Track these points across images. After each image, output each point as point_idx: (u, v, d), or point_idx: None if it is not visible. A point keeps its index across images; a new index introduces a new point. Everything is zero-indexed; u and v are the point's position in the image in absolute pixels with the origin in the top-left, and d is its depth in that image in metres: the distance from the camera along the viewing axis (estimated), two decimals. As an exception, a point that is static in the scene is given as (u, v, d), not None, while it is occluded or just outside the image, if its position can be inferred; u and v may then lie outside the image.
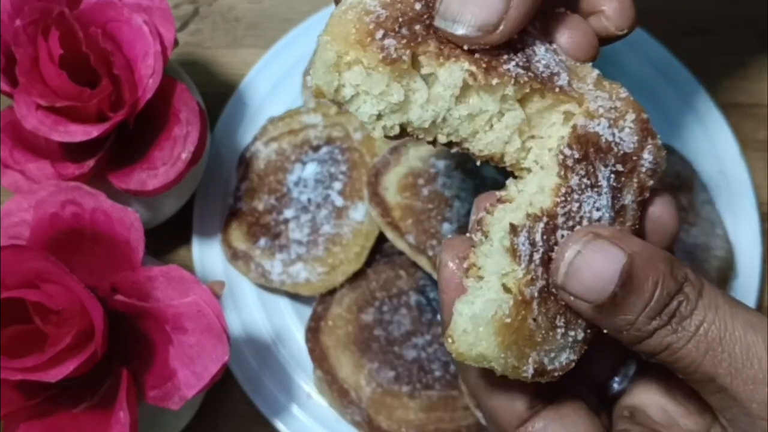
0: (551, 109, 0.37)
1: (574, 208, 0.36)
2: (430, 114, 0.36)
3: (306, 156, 0.69)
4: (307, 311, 0.67)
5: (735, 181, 0.69)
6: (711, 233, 0.67)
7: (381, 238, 0.67)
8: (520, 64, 0.36)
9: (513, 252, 0.34)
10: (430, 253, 0.63)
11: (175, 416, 0.61)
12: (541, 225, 0.35)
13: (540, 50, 0.37)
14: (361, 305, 0.66)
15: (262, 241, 0.67)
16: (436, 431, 0.62)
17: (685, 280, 0.34)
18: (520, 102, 0.37)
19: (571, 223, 0.36)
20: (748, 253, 0.67)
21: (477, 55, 0.36)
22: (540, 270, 0.35)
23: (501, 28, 0.34)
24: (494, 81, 0.35)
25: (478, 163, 0.39)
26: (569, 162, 0.36)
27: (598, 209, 0.36)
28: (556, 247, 0.35)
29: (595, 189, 0.36)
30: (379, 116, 0.36)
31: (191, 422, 0.63)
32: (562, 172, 0.36)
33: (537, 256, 0.35)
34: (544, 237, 0.35)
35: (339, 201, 0.67)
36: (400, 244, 0.64)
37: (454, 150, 0.38)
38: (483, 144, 0.37)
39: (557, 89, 0.36)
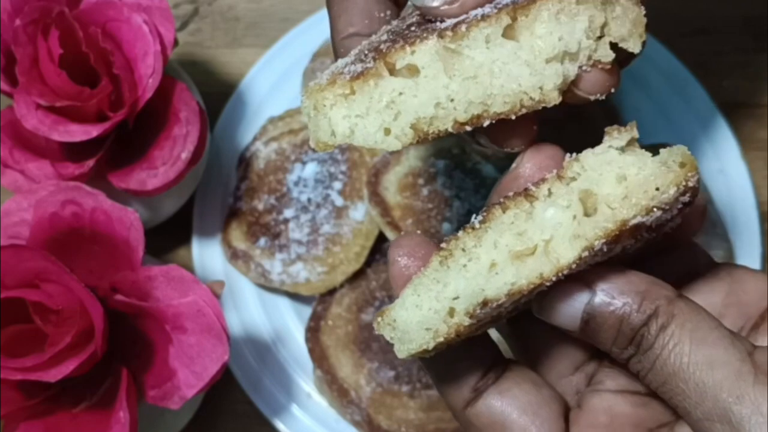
0: (541, 11, 0.35)
1: None
2: (427, 97, 0.35)
3: (306, 156, 0.69)
4: (307, 311, 0.67)
5: (735, 181, 0.69)
6: (711, 233, 0.67)
7: (381, 238, 0.67)
8: (491, 8, 0.35)
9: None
10: (430, 252, 0.63)
11: (175, 416, 0.61)
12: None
13: None
14: (361, 305, 0.66)
15: (262, 241, 0.67)
16: (435, 431, 0.62)
17: (653, 313, 0.34)
18: (507, 36, 0.35)
19: None
20: (748, 253, 0.67)
21: (443, 26, 0.35)
22: None
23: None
24: (463, 28, 0.34)
25: (513, 117, 0.35)
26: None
27: None
28: None
29: None
30: (388, 131, 0.35)
31: (191, 422, 0.63)
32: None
33: None
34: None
35: (339, 201, 0.67)
36: (400, 244, 0.64)
37: (485, 123, 0.35)
38: (499, 93, 0.35)
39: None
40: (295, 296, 0.68)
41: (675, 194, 0.33)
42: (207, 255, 0.69)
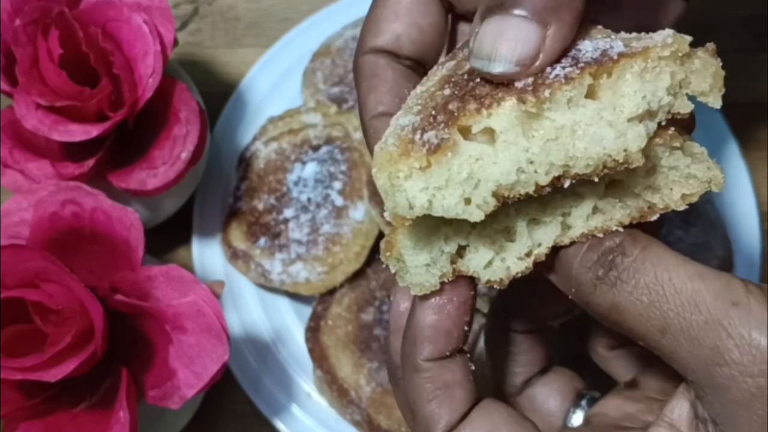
0: (622, 78, 0.34)
1: None
2: (508, 165, 0.33)
3: (306, 155, 0.69)
4: (307, 311, 0.67)
5: (735, 181, 0.69)
6: (711, 233, 0.67)
7: (381, 238, 0.66)
8: (567, 65, 0.34)
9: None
10: (430, 252, 0.63)
11: (175, 416, 0.61)
12: None
13: (585, 44, 0.35)
14: (361, 305, 0.65)
15: (262, 241, 0.67)
16: (435, 431, 0.62)
17: (635, 238, 0.34)
18: (589, 96, 0.34)
19: None
20: (748, 252, 0.67)
21: (518, 86, 0.34)
22: None
23: (539, 61, 0.33)
24: (546, 93, 0.33)
25: (596, 179, 0.35)
26: None
27: None
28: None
29: None
30: (468, 200, 0.34)
31: (191, 422, 0.63)
32: None
33: None
34: None
35: (339, 200, 0.67)
36: (400, 244, 0.64)
37: (566, 184, 0.34)
38: (582, 155, 0.34)
39: (615, 57, 0.34)
40: (295, 296, 0.68)
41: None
42: (207, 255, 0.69)
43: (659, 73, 0.34)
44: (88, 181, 0.59)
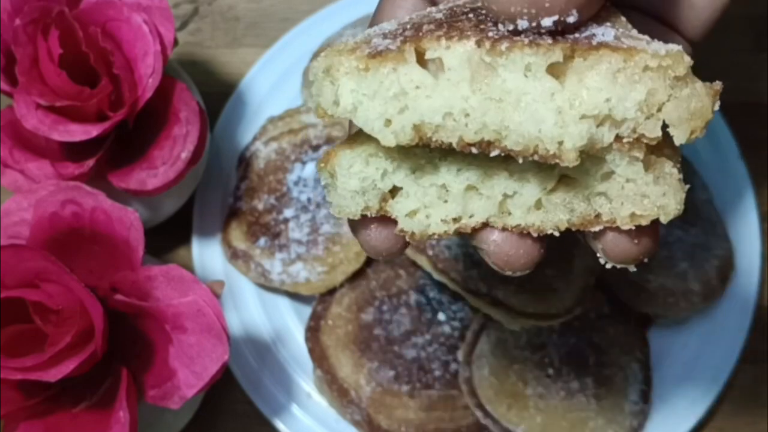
0: (601, 61, 0.31)
1: None
2: (440, 103, 0.31)
3: (306, 155, 0.69)
4: (307, 311, 0.67)
5: (735, 181, 0.69)
6: (711, 233, 0.67)
7: (381, 238, 0.66)
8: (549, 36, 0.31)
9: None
10: (430, 252, 0.63)
11: (175, 416, 0.61)
12: None
13: (590, 28, 0.32)
14: (361, 305, 0.65)
15: (262, 241, 0.67)
16: (435, 430, 0.62)
17: None
18: (552, 74, 0.31)
19: None
20: (748, 252, 0.67)
21: (490, 33, 0.31)
22: None
23: None
24: (503, 46, 0.30)
25: (520, 160, 0.32)
26: None
27: None
28: None
29: None
30: (388, 122, 0.32)
31: (191, 422, 0.63)
32: None
33: None
34: None
35: (339, 200, 0.67)
36: (399, 244, 0.64)
37: (493, 153, 0.32)
38: (515, 129, 0.31)
39: (595, 44, 0.31)
40: (295, 296, 0.68)
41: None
42: (207, 255, 0.69)
43: (636, 82, 0.30)
44: (88, 181, 0.59)
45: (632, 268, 0.34)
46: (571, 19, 0.30)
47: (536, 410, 0.62)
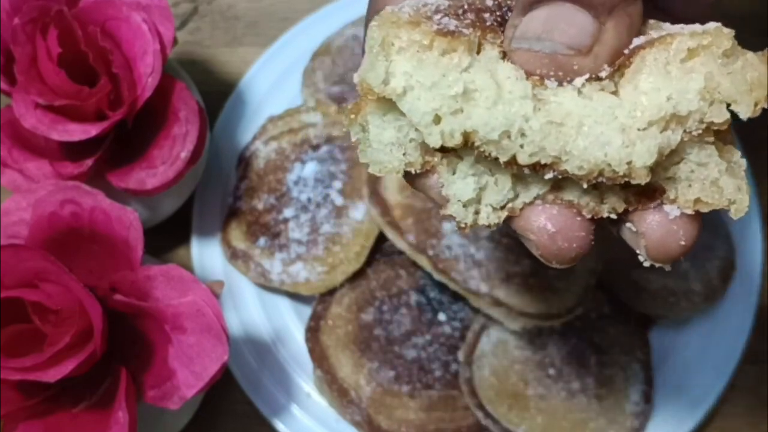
0: (645, 60, 0.29)
1: None
2: (501, 120, 0.29)
3: (306, 155, 0.69)
4: (306, 311, 0.67)
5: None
6: (713, 233, 0.67)
7: (381, 238, 0.66)
8: None
9: None
10: (430, 252, 0.63)
11: (175, 416, 0.61)
12: None
13: None
14: (361, 305, 0.65)
15: (262, 241, 0.67)
16: (436, 431, 0.62)
17: None
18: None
19: None
20: (749, 252, 0.67)
21: None
22: None
23: (595, 49, 0.29)
24: (552, 85, 0.29)
25: (584, 185, 0.30)
26: None
27: None
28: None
29: None
30: (438, 119, 0.29)
31: (190, 422, 0.63)
32: None
33: None
34: None
35: (339, 200, 0.67)
36: (400, 244, 0.64)
37: (548, 176, 0.30)
38: (578, 154, 0.29)
39: (629, 52, 0.29)
40: (295, 296, 0.68)
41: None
42: (206, 255, 0.69)
43: (690, 70, 0.29)
44: (87, 180, 0.59)
45: (667, 268, 0.32)
46: (603, 74, 0.29)
47: (537, 411, 0.62)
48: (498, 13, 0.31)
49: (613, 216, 0.32)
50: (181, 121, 0.61)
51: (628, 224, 0.32)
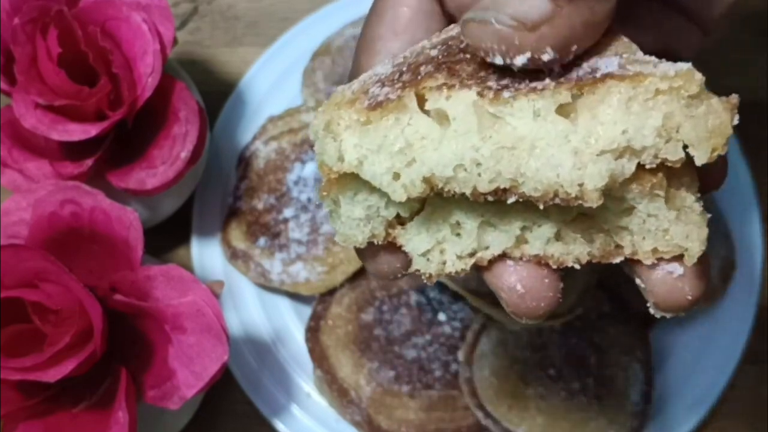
0: (611, 93, 0.29)
1: None
2: (450, 156, 0.30)
3: (306, 155, 0.69)
4: (306, 311, 0.67)
5: (736, 181, 0.69)
6: (712, 233, 0.66)
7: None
8: (554, 77, 0.30)
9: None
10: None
11: (175, 416, 0.61)
12: None
13: (592, 61, 0.30)
14: (361, 305, 0.65)
15: (262, 241, 0.67)
16: (436, 431, 0.62)
17: None
18: (563, 114, 0.30)
19: None
20: (749, 252, 0.67)
21: (491, 83, 0.30)
22: None
23: (543, 29, 0.29)
24: (506, 94, 0.29)
25: (541, 206, 0.31)
26: None
27: None
28: None
29: None
30: (397, 175, 0.31)
31: (190, 422, 0.63)
32: None
33: None
34: None
35: (339, 200, 0.67)
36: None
37: (510, 200, 0.31)
38: (532, 176, 0.30)
39: (599, 76, 0.29)
40: (295, 296, 0.68)
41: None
42: (206, 255, 0.69)
43: (651, 108, 0.29)
44: (87, 180, 0.59)
45: (681, 315, 0.33)
46: (546, 57, 0.29)
47: (537, 411, 0.61)
48: (441, 57, 0.32)
49: (577, 266, 0.33)
50: (181, 121, 0.61)
51: (637, 280, 0.33)
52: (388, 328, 0.64)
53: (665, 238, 0.31)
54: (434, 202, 0.33)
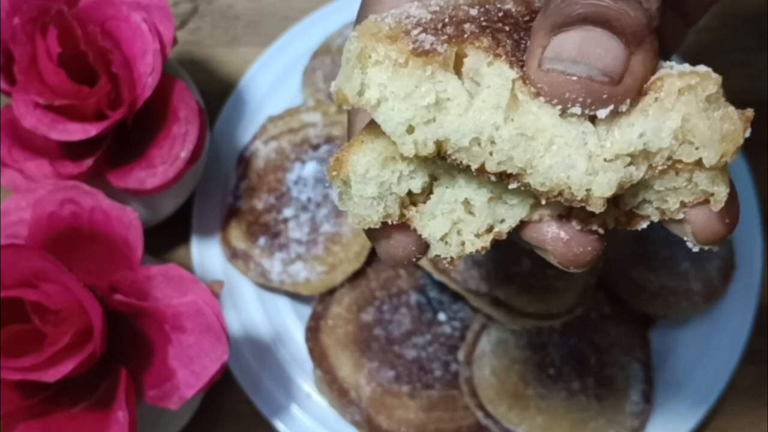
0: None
1: None
2: (470, 127, 0.29)
3: (305, 155, 0.69)
4: (306, 311, 0.67)
5: (736, 181, 0.69)
6: (712, 232, 0.66)
7: (381, 238, 0.66)
8: None
9: None
10: (430, 252, 0.63)
11: (174, 416, 0.61)
12: None
13: None
14: (361, 304, 0.65)
15: (262, 240, 0.67)
16: (436, 431, 0.62)
17: None
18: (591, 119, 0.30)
19: None
20: (750, 252, 0.67)
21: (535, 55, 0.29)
22: None
23: (625, 80, 0.28)
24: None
25: (543, 201, 0.30)
26: None
27: None
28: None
29: None
30: (411, 129, 0.30)
31: (190, 422, 0.63)
32: None
33: None
34: None
35: (339, 200, 0.67)
36: (400, 244, 0.64)
37: (512, 186, 0.30)
38: (542, 171, 0.29)
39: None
40: (295, 296, 0.68)
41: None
42: (206, 254, 0.69)
43: (668, 110, 0.29)
44: (86, 180, 0.59)
45: (715, 248, 0.32)
46: (624, 108, 0.29)
47: (537, 410, 0.61)
48: (483, 20, 0.31)
49: (601, 231, 0.32)
50: (181, 121, 0.61)
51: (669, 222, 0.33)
52: (388, 328, 0.64)
53: (687, 188, 0.31)
54: (441, 174, 0.32)
